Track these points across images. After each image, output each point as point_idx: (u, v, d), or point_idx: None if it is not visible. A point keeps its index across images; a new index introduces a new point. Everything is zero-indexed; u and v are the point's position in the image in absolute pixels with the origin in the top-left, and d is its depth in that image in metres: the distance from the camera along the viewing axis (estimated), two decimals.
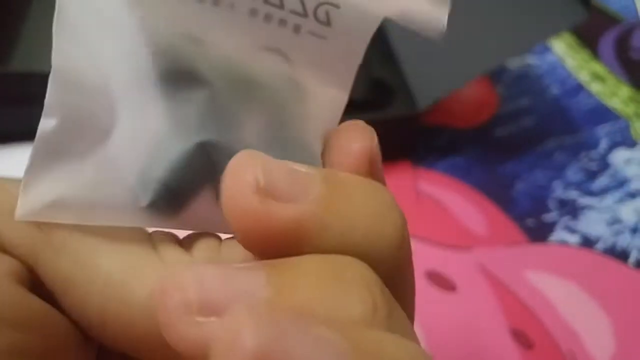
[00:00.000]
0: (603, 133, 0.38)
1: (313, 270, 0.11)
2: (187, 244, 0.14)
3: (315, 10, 0.13)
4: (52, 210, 0.12)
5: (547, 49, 0.44)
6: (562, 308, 0.29)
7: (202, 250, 0.13)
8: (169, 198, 0.13)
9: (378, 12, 0.13)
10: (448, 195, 0.34)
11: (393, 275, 0.12)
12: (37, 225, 0.12)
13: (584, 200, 0.34)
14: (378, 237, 0.12)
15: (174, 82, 0.13)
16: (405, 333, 0.11)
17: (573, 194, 0.35)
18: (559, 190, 0.35)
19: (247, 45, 0.13)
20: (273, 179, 0.11)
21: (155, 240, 0.13)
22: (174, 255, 0.13)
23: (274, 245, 0.11)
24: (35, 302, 0.12)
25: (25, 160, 0.12)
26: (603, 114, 0.39)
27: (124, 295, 0.12)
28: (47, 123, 0.12)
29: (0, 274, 0.12)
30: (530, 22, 0.33)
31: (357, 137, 0.14)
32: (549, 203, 0.34)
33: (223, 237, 0.14)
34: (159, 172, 0.13)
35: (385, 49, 0.37)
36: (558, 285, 0.30)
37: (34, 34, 0.35)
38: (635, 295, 0.30)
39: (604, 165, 0.36)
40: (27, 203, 0.12)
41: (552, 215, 0.34)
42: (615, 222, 0.33)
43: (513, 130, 0.38)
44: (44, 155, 0.12)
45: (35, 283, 0.12)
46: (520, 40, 0.33)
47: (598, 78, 0.42)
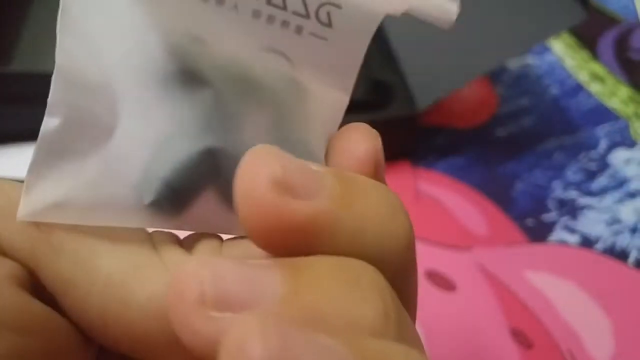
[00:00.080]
0: (602, 133, 0.38)
1: (327, 272, 0.11)
2: (188, 245, 0.13)
3: (317, 11, 0.13)
4: (54, 211, 0.12)
5: (546, 49, 0.44)
6: (561, 308, 0.29)
7: (203, 251, 0.13)
8: (172, 198, 0.13)
9: (380, 9, 0.13)
10: (448, 195, 0.34)
11: (399, 277, 0.12)
12: (36, 227, 0.12)
13: (584, 200, 0.34)
14: (388, 238, 0.12)
15: (179, 82, 0.13)
16: (412, 340, 0.11)
17: (573, 194, 0.35)
18: (559, 190, 0.35)
19: (249, 46, 0.13)
20: (290, 175, 0.11)
21: (156, 241, 0.13)
22: (175, 256, 0.13)
23: (288, 243, 0.11)
24: (36, 305, 0.12)
25: (26, 161, 0.12)
26: (602, 114, 0.39)
27: (125, 296, 0.12)
28: (50, 122, 0.12)
29: (1, 278, 0.12)
30: (530, 22, 0.33)
31: (362, 139, 0.14)
32: (549, 203, 0.34)
33: (224, 237, 0.14)
34: (163, 171, 0.13)
35: (385, 49, 0.37)
36: (558, 285, 0.30)
37: (35, 34, 0.35)
38: (635, 295, 0.30)
39: (604, 165, 0.36)
40: (29, 203, 0.12)
41: (551, 215, 0.34)
42: (615, 222, 0.33)
43: (513, 130, 0.38)
44: (47, 155, 0.12)
45: (36, 286, 0.12)
46: (520, 41, 0.34)
47: (597, 78, 0.42)
